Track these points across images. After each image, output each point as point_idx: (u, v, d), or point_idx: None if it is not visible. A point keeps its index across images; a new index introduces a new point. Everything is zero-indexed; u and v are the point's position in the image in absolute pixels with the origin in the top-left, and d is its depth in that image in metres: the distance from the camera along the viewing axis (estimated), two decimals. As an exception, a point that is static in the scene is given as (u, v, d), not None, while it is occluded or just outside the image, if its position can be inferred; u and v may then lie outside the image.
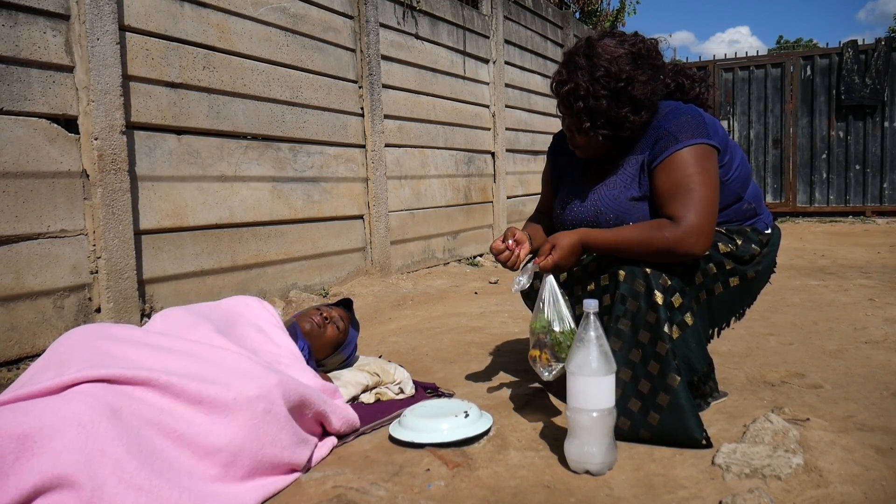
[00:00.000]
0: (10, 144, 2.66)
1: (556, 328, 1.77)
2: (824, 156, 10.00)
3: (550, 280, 1.82)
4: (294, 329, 2.12)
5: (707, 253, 1.86)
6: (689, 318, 1.78)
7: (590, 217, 1.97)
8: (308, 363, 2.05)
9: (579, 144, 1.97)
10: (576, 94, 1.86)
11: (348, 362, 2.30)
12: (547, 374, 1.79)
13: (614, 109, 1.83)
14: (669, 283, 1.77)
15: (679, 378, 1.69)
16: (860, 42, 9.69)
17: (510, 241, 1.95)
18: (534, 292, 1.99)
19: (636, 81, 1.81)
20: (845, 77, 9.62)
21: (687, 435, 1.68)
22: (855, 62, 9.56)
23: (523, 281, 1.84)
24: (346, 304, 2.45)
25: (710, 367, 1.95)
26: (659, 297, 1.74)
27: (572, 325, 1.75)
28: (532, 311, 1.88)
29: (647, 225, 1.79)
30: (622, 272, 1.80)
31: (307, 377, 1.80)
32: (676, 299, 1.77)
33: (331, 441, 1.75)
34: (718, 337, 2.09)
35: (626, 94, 1.82)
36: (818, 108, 9.97)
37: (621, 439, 1.71)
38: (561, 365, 1.76)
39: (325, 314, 2.24)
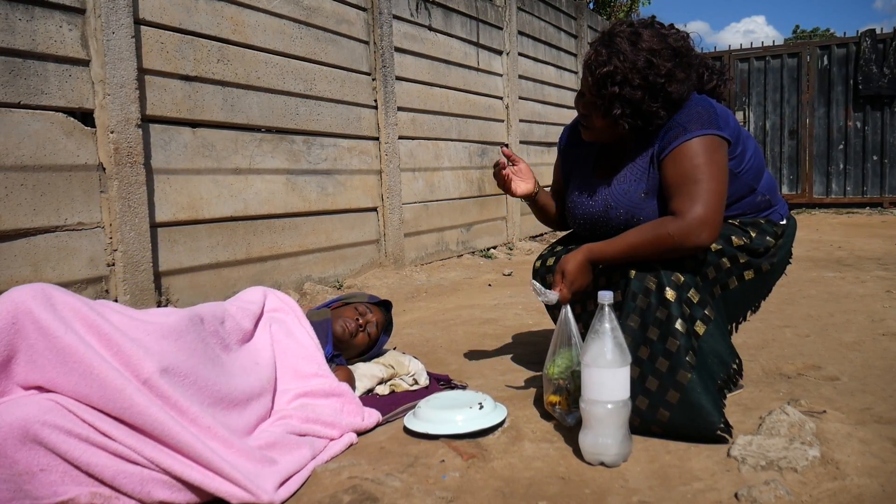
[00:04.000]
0: (28, 138, 2.68)
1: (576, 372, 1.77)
2: (841, 146, 9.89)
3: (569, 321, 1.81)
4: (326, 325, 2.13)
5: (720, 247, 1.84)
6: (709, 312, 1.77)
7: (599, 212, 1.95)
8: (332, 360, 2.06)
9: (595, 126, 1.92)
10: (612, 79, 1.79)
11: (370, 358, 2.31)
12: (570, 420, 1.78)
13: (647, 102, 1.79)
14: (682, 279, 1.75)
15: (690, 375, 1.66)
16: (878, 31, 9.57)
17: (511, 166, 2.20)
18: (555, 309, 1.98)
19: (675, 79, 1.78)
20: (863, 67, 9.51)
21: (698, 431, 1.65)
22: (873, 51, 9.44)
23: (551, 298, 1.84)
24: (386, 307, 2.41)
25: (739, 361, 1.90)
26: (670, 294, 1.72)
27: None
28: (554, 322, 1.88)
29: (650, 225, 1.77)
30: (633, 269, 1.79)
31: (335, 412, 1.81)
32: (693, 295, 1.75)
33: (349, 437, 1.76)
34: (737, 332, 2.07)
35: (663, 90, 1.78)
36: (835, 98, 9.86)
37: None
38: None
39: (361, 322, 2.22)
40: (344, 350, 2.20)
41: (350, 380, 2.04)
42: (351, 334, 2.18)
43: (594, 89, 1.85)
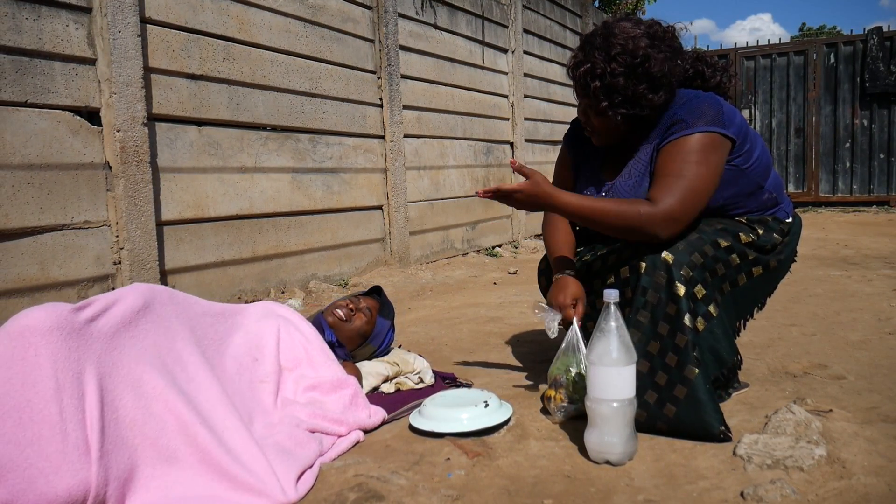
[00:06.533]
0: (35, 137, 2.69)
1: (573, 370, 1.81)
2: (848, 144, 9.86)
3: (575, 331, 1.85)
4: (318, 321, 2.13)
5: (728, 243, 1.84)
6: (713, 309, 1.76)
7: None
8: (336, 351, 2.06)
9: (596, 128, 1.95)
10: (592, 74, 1.83)
11: (381, 352, 2.29)
12: (560, 414, 1.81)
13: (631, 87, 1.81)
14: (691, 273, 1.75)
15: (697, 371, 1.67)
16: (885, 29, 9.53)
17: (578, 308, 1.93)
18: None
19: (653, 59, 1.79)
20: (870, 64, 9.47)
21: (703, 428, 1.65)
22: (880, 49, 9.40)
23: (553, 330, 1.87)
24: (377, 292, 2.39)
25: (739, 360, 1.91)
26: (680, 289, 1.72)
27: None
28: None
29: (628, 199, 1.80)
30: (643, 264, 1.78)
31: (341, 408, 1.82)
32: (699, 290, 1.75)
33: (356, 435, 1.76)
34: (745, 328, 2.07)
35: (644, 71, 1.80)
36: (842, 96, 9.82)
37: (638, 431, 1.70)
38: (573, 406, 1.80)
39: (350, 306, 2.22)
40: (345, 340, 2.18)
41: (357, 375, 2.04)
42: (342, 318, 2.18)
43: (579, 90, 1.92)
